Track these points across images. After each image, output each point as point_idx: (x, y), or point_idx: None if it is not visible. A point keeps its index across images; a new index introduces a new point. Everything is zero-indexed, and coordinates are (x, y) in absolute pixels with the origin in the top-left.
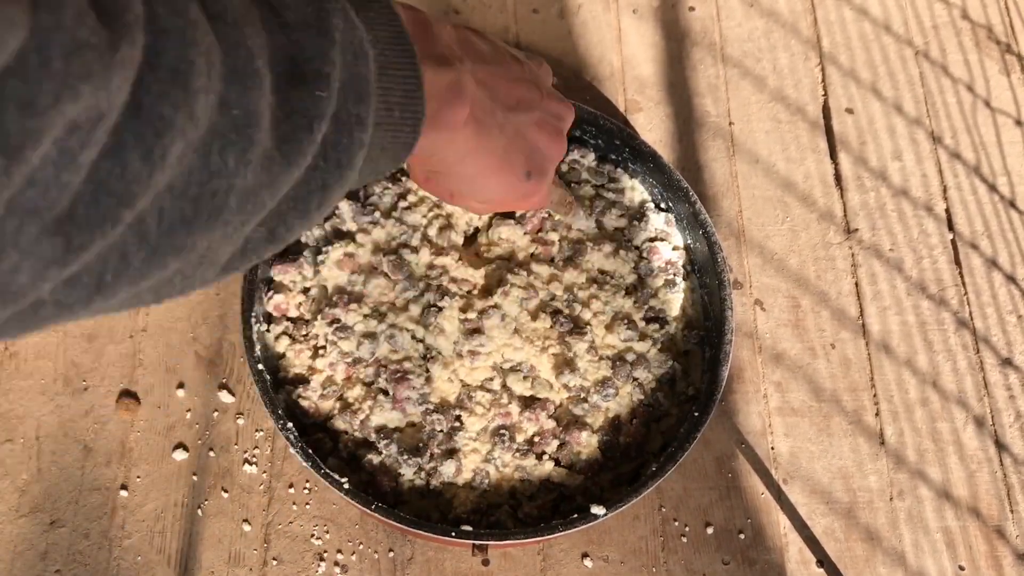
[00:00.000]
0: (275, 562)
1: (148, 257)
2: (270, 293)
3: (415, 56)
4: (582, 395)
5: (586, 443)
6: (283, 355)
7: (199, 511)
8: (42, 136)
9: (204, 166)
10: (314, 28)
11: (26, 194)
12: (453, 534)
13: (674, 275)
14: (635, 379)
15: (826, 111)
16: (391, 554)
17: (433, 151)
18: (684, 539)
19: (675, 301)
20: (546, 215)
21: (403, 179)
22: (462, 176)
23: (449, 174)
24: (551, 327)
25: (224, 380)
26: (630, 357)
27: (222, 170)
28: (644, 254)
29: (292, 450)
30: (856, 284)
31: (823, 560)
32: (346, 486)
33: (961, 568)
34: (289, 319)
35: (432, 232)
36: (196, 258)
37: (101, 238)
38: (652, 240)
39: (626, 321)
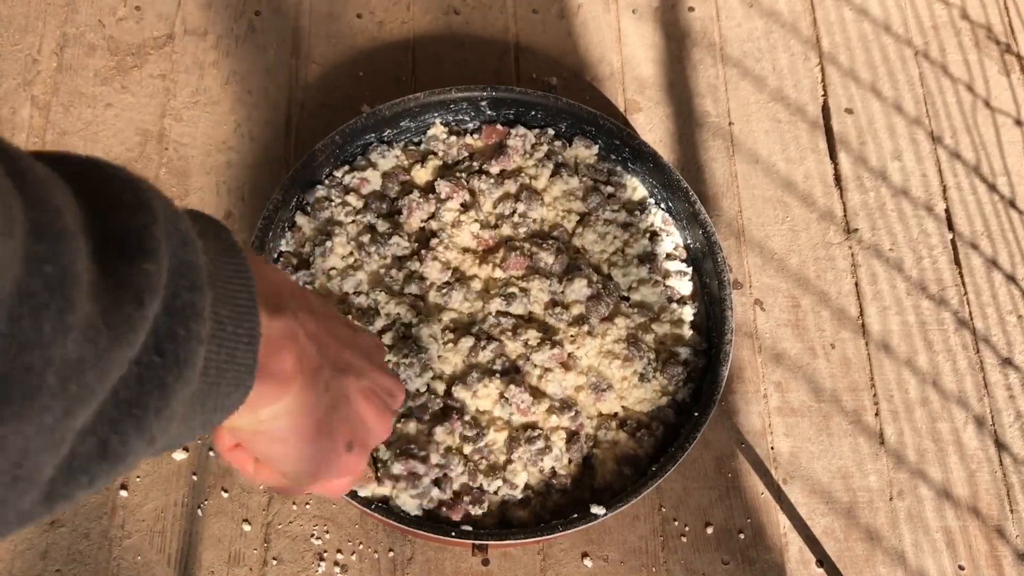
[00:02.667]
0: (275, 562)
1: None
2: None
3: (248, 271)
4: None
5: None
6: None
7: (199, 511)
8: None
9: (13, 333)
10: (132, 205)
11: None
12: (453, 534)
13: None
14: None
15: (826, 111)
16: (391, 554)
17: (254, 404)
18: (684, 539)
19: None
20: None
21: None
22: (277, 437)
23: (264, 433)
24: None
25: None
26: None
27: (36, 339)
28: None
29: None
30: (856, 284)
31: (823, 560)
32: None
33: (961, 568)
34: None
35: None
36: (7, 466)
37: None
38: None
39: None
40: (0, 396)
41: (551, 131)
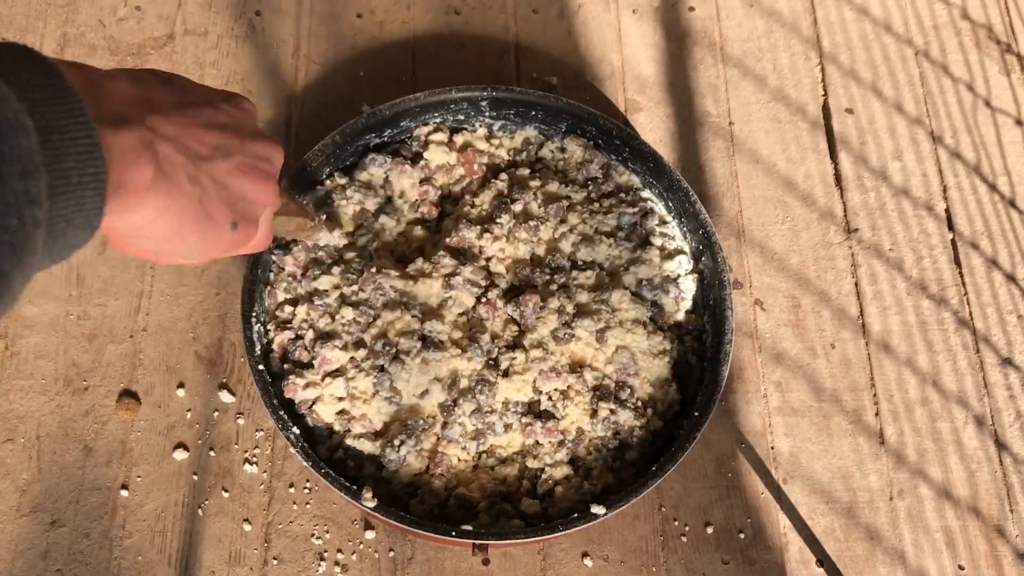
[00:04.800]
0: (275, 561)
1: None
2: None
3: (86, 113)
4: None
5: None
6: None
7: (199, 511)
8: None
9: None
10: None
11: None
12: (453, 534)
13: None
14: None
15: (826, 111)
16: (391, 554)
17: (123, 215)
18: (684, 538)
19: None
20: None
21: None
22: (161, 237)
23: (147, 236)
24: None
25: (224, 380)
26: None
27: None
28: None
29: (292, 450)
30: (856, 284)
31: (823, 559)
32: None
33: (961, 567)
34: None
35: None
36: None
37: None
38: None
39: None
40: None
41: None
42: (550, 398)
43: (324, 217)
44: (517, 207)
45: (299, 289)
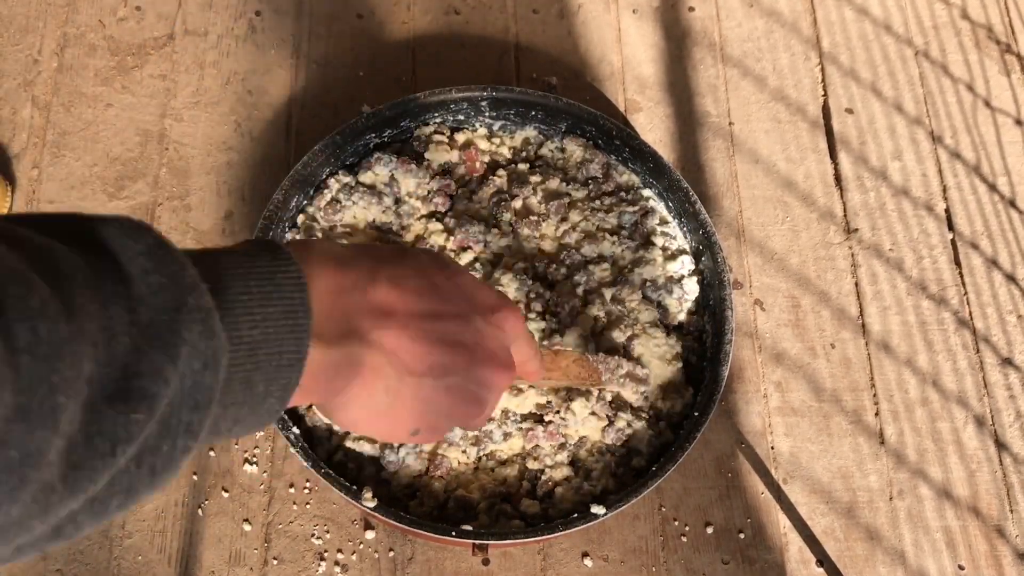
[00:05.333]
0: (275, 561)
1: None
2: None
3: (306, 336)
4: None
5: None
6: None
7: (199, 511)
8: None
9: None
10: (160, 340)
11: None
12: (453, 534)
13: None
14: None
15: (826, 111)
16: (391, 554)
17: (304, 398)
18: (684, 539)
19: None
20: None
21: None
22: (338, 418)
23: (328, 412)
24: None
25: None
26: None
27: None
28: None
29: (292, 450)
30: (856, 284)
31: (823, 559)
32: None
33: (961, 567)
34: None
35: None
36: None
37: None
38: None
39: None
40: None
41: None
42: (558, 411)
43: (625, 370)
44: (517, 203)
45: None
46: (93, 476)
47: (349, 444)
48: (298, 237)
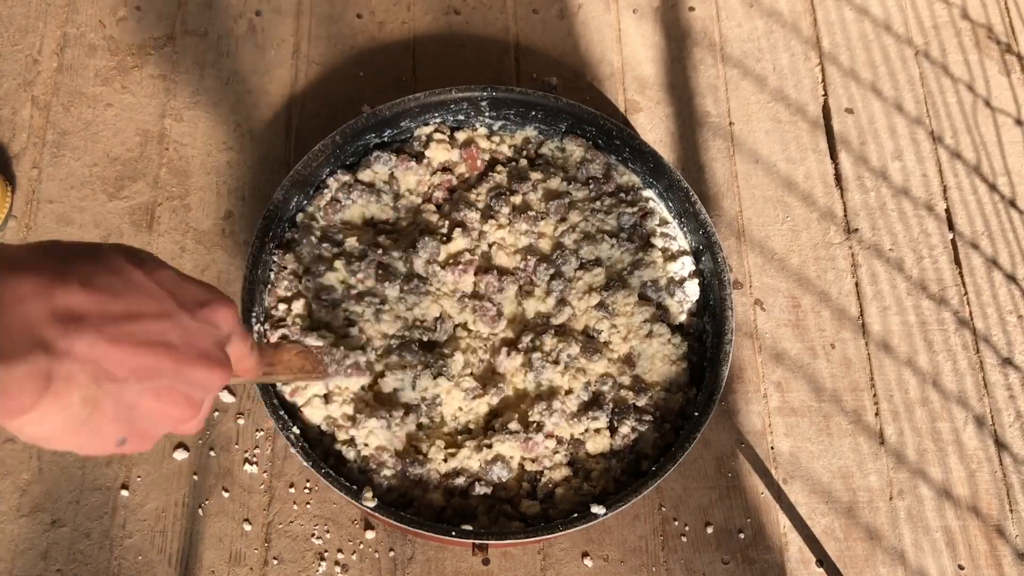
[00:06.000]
0: (276, 561)
1: None
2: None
3: None
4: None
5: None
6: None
7: (200, 511)
8: None
9: None
10: None
11: None
12: (453, 534)
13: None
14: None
15: (826, 111)
16: (391, 554)
17: None
18: (684, 538)
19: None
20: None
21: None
22: (35, 437)
23: (21, 433)
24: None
25: None
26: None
27: None
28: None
29: (293, 450)
30: (856, 284)
31: (823, 559)
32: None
33: (961, 567)
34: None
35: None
36: None
37: None
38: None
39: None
40: None
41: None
42: (552, 437)
43: (350, 360)
44: (516, 199)
45: (299, 286)
46: None
47: (338, 447)
48: (296, 236)
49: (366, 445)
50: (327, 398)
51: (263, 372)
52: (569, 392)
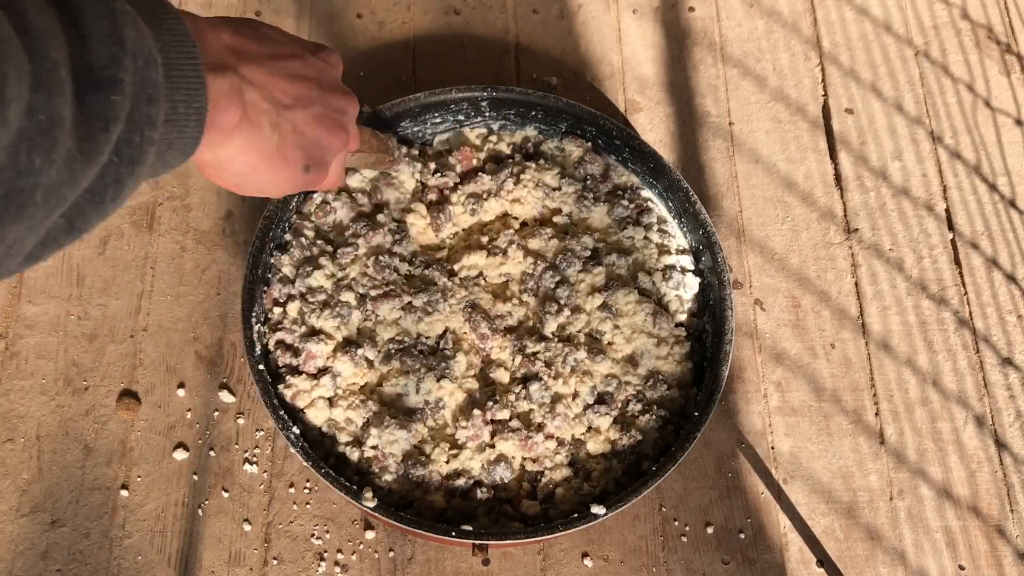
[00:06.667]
0: (275, 562)
1: None
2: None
3: (198, 58)
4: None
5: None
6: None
7: (199, 511)
8: None
9: (13, 166)
10: (108, 38)
11: None
12: (453, 534)
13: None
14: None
15: (826, 111)
16: (391, 554)
17: (211, 149)
18: (684, 539)
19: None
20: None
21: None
22: (239, 172)
23: (228, 170)
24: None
25: (224, 380)
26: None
27: (29, 169)
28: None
29: (292, 450)
30: (856, 284)
31: (823, 560)
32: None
33: (961, 567)
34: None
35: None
36: (3, 249)
37: None
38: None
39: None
40: (2, 208)
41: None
42: (553, 438)
43: (404, 150)
44: (509, 184)
45: (292, 289)
46: (98, 148)
47: (340, 450)
48: (289, 238)
49: (373, 448)
50: (331, 402)
51: (359, 148)
52: (576, 396)
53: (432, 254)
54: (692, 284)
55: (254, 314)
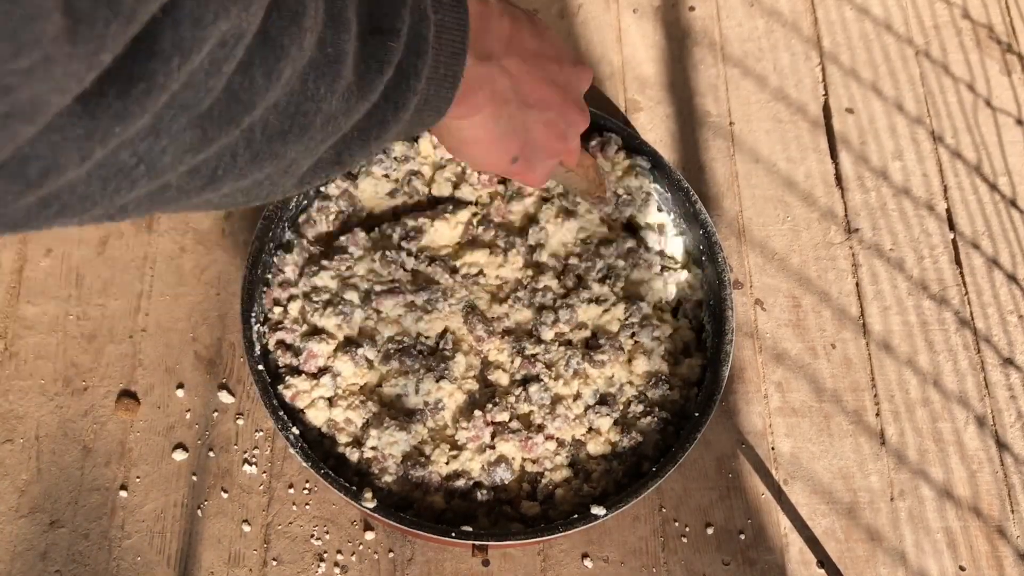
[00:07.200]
0: (275, 562)
1: (251, 159)
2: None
3: (467, 35)
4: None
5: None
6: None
7: (199, 511)
8: (204, 45)
9: (302, 90)
10: None
11: (183, 92)
12: (453, 534)
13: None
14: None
15: (827, 110)
16: (391, 554)
17: (452, 117)
18: (684, 539)
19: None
20: (573, 197)
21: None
22: (461, 140)
23: (454, 136)
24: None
25: (224, 380)
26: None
27: (315, 95)
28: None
29: (292, 450)
30: (857, 284)
31: (824, 560)
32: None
33: (962, 568)
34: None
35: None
36: (284, 166)
37: (225, 136)
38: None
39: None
40: (288, 127)
41: None
42: (553, 439)
43: (614, 192)
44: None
45: (295, 289)
46: (373, 86)
47: (340, 451)
48: (293, 238)
49: (373, 449)
50: (331, 402)
51: (575, 163)
52: (577, 397)
53: (436, 251)
54: (675, 287)
55: (253, 314)
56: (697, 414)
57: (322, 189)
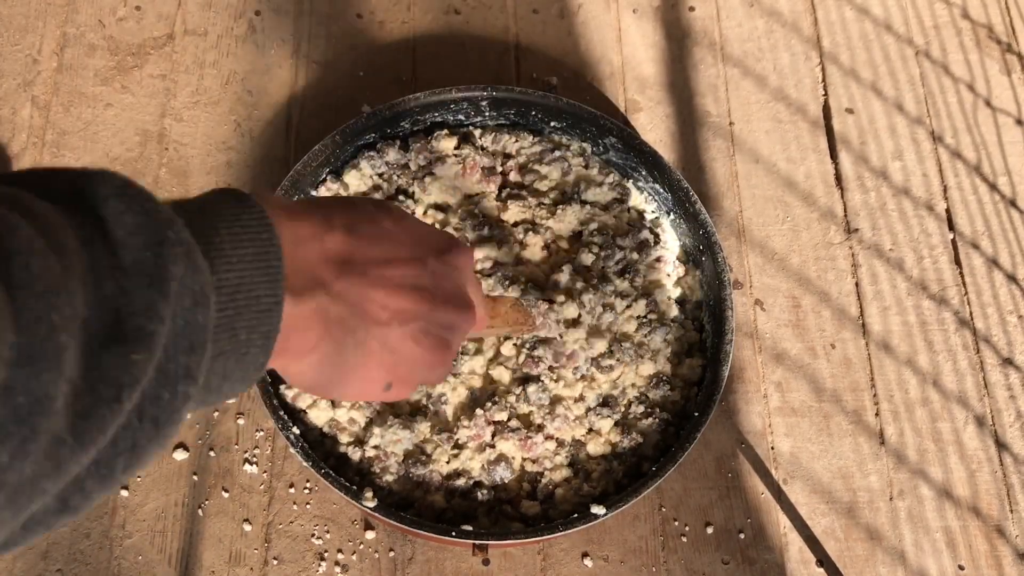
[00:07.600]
0: (275, 562)
1: None
2: None
3: (280, 280)
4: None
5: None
6: None
7: (199, 511)
8: None
9: None
10: (147, 276)
11: None
12: (453, 534)
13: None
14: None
15: (827, 110)
16: (391, 554)
17: (277, 365)
18: (684, 539)
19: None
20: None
21: None
22: (309, 384)
23: (297, 381)
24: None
25: None
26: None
27: None
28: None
29: (292, 450)
30: (857, 284)
31: (823, 560)
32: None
33: (961, 567)
34: None
35: None
36: None
37: None
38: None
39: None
40: None
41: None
42: (552, 439)
43: (544, 307)
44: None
45: None
46: (101, 425)
47: (342, 450)
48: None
49: (376, 447)
50: (334, 402)
51: (488, 324)
52: (580, 400)
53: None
54: (674, 286)
55: None
56: (697, 414)
57: (315, 192)
